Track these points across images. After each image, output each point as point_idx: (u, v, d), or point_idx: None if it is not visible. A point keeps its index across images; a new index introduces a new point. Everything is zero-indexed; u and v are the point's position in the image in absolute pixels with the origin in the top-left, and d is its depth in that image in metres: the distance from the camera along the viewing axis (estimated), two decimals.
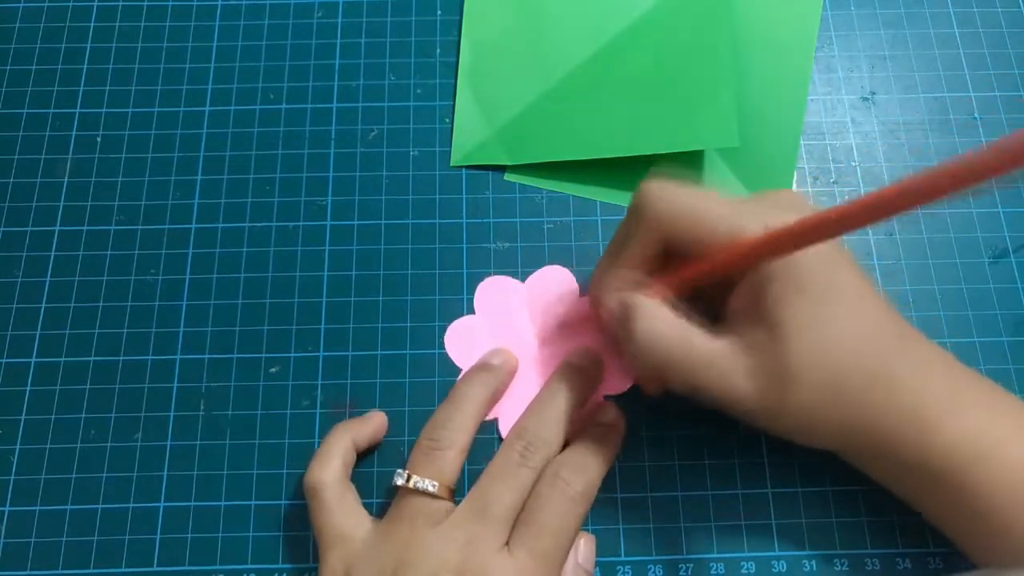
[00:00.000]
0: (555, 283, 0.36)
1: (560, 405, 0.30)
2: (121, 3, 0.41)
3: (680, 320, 0.28)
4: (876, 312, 0.27)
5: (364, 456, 0.33)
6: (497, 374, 0.33)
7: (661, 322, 0.28)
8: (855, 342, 0.26)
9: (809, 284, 0.26)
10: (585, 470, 0.29)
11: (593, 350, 0.34)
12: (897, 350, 0.27)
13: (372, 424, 0.33)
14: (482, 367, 0.33)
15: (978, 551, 0.27)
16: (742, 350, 0.27)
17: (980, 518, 0.26)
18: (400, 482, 0.29)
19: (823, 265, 0.26)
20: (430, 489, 0.28)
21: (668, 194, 0.28)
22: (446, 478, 0.29)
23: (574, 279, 0.36)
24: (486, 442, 0.33)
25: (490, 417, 0.33)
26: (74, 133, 0.39)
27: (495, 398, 0.33)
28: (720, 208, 0.28)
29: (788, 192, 0.30)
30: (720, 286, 0.29)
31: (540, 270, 0.36)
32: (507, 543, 0.28)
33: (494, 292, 0.36)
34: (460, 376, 0.34)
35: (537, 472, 0.29)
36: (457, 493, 0.30)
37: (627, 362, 0.33)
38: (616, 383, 0.34)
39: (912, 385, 0.26)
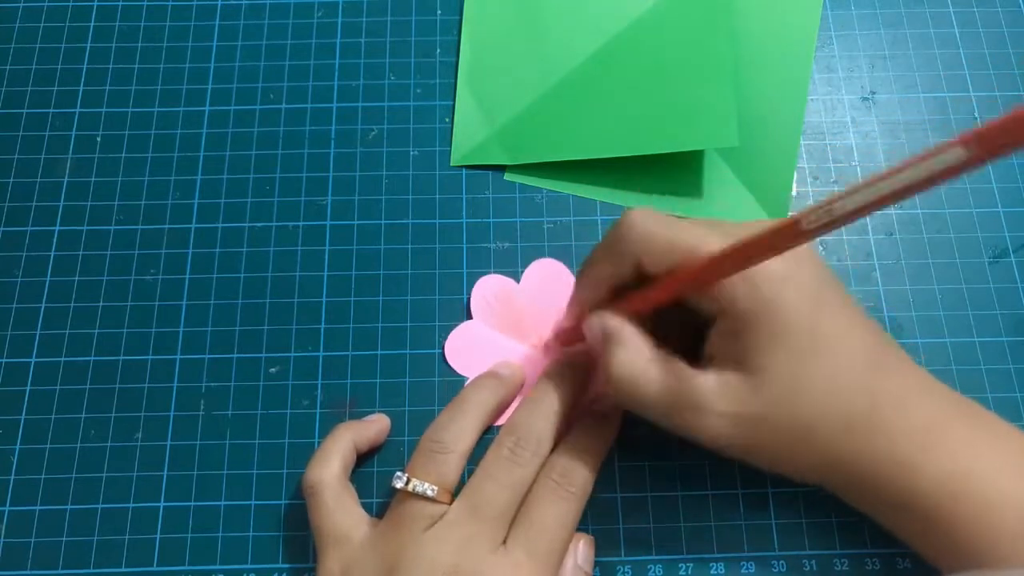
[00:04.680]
0: (551, 276, 0.36)
1: (550, 400, 0.30)
2: (121, 3, 0.41)
3: (657, 354, 0.27)
4: (855, 354, 0.27)
5: (365, 458, 0.33)
6: (505, 383, 0.32)
7: (637, 357, 0.27)
8: (829, 392, 0.26)
9: (787, 332, 0.26)
10: (579, 467, 0.29)
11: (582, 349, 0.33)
12: (875, 391, 0.27)
13: (375, 427, 0.33)
14: (490, 375, 0.33)
15: None
16: (718, 391, 0.26)
17: (960, 554, 0.26)
18: (400, 485, 0.28)
19: (804, 309, 0.26)
20: (429, 494, 0.28)
21: (648, 217, 0.28)
22: (446, 481, 0.28)
23: (568, 271, 0.36)
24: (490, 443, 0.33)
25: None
26: (74, 133, 0.39)
27: (501, 408, 0.32)
28: (695, 230, 0.27)
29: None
30: (692, 326, 0.28)
31: (535, 263, 0.36)
32: (504, 542, 0.28)
33: (488, 294, 0.36)
34: (466, 383, 0.34)
35: (528, 467, 0.29)
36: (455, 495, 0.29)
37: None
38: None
39: (890, 427, 0.26)
